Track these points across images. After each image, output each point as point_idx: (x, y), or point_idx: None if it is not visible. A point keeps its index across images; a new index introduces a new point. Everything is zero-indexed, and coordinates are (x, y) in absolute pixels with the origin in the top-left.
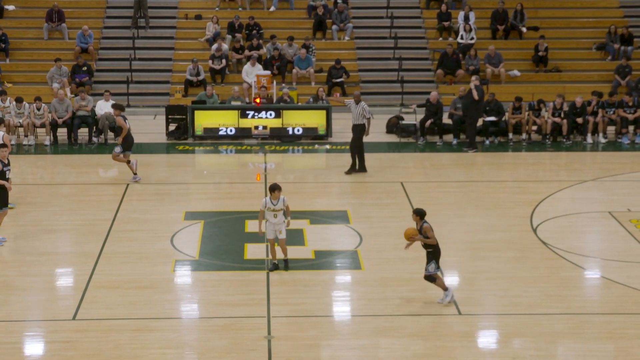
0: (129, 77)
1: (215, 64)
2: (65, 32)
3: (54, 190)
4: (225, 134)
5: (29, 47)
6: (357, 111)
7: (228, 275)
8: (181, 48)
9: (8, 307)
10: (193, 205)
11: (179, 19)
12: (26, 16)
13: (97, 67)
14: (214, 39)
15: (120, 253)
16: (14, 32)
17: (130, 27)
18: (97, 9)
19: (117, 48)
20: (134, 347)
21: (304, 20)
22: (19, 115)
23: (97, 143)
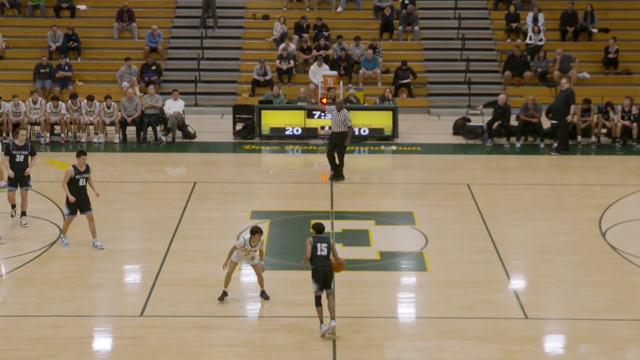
0: (197, 76)
1: (282, 64)
2: (135, 31)
3: (122, 187)
4: (291, 133)
5: (99, 47)
6: (338, 118)
7: (293, 275)
8: (249, 48)
9: (78, 303)
10: (259, 204)
11: (247, 19)
12: (97, 16)
13: (166, 67)
14: (282, 39)
15: (187, 251)
16: (85, 31)
17: (199, 27)
18: (167, 9)
19: (186, 47)
20: (199, 344)
21: (371, 20)
22: (90, 113)
23: (165, 142)
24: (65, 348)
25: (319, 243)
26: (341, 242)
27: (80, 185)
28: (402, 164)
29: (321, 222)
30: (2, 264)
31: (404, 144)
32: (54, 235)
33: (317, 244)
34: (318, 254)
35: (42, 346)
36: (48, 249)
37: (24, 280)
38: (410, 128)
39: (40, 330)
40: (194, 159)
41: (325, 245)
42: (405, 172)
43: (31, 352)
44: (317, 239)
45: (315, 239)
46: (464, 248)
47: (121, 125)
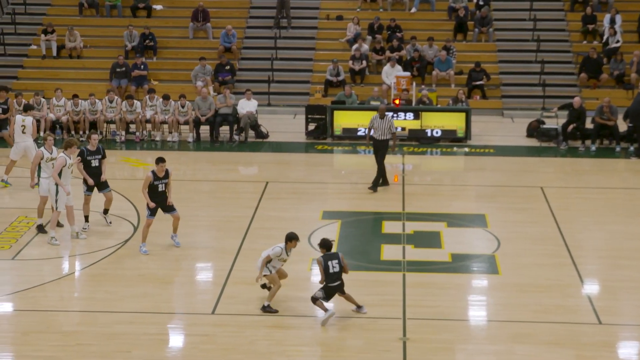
0: (270, 76)
1: (355, 64)
2: (209, 31)
3: (195, 186)
4: (363, 134)
5: (174, 46)
6: (384, 125)
7: (364, 276)
8: (322, 48)
9: (152, 299)
10: (330, 204)
11: (321, 19)
12: (172, 16)
13: (240, 66)
14: (355, 40)
15: (258, 250)
16: (161, 31)
17: (273, 27)
18: (241, 9)
19: (259, 48)
20: (270, 343)
21: (445, 22)
22: (165, 112)
23: (238, 141)
24: (139, 344)
25: (330, 261)
26: (412, 244)
27: (159, 190)
28: (475, 165)
29: (328, 238)
30: (78, 260)
31: (476, 145)
32: (128, 233)
33: (328, 263)
34: (331, 272)
35: (116, 342)
36: (122, 246)
37: (98, 277)
38: (483, 130)
39: (114, 326)
40: (266, 159)
41: (337, 261)
42: (477, 174)
43: (105, 348)
44: (327, 257)
45: (325, 257)
46: (536, 251)
47: (195, 124)
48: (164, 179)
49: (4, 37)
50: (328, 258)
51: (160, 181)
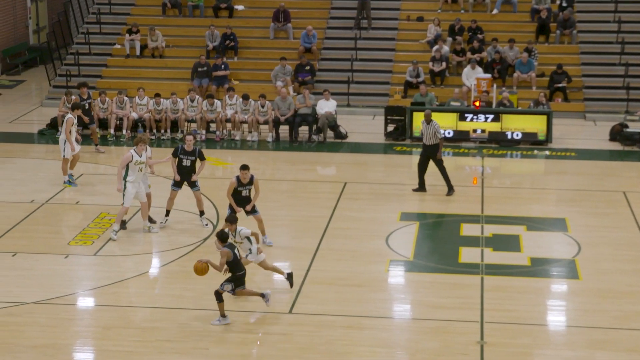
0: (349, 77)
1: (435, 66)
2: (290, 31)
3: (274, 186)
4: (442, 136)
5: (255, 46)
6: (429, 131)
7: (441, 278)
8: (402, 49)
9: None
10: (408, 206)
11: (401, 20)
12: (254, 16)
13: (320, 67)
14: (435, 41)
15: (336, 250)
16: (242, 31)
17: (353, 28)
18: (322, 10)
19: (340, 48)
20: (345, 343)
21: (527, 23)
22: (245, 112)
23: (317, 141)
24: (216, 342)
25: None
26: (491, 247)
27: (243, 195)
28: (556, 169)
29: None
30: (158, 257)
31: (557, 149)
32: (207, 231)
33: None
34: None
35: (194, 338)
36: (202, 244)
37: (178, 274)
38: (565, 133)
39: (192, 322)
40: (345, 159)
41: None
42: (558, 178)
43: (183, 344)
44: (231, 247)
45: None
46: (618, 257)
47: (274, 124)
48: (247, 185)
49: (89, 36)
50: (232, 247)
51: (244, 187)
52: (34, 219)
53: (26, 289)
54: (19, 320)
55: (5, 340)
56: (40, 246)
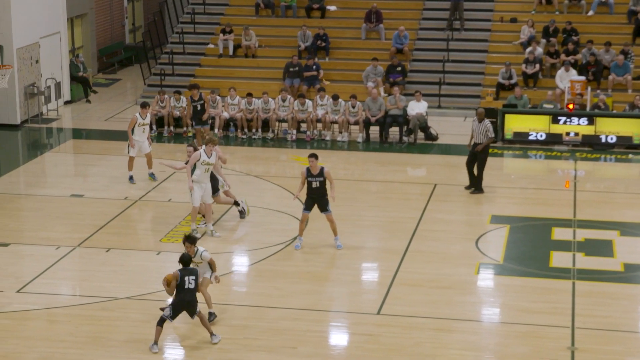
0: (441, 78)
1: (528, 68)
2: (382, 32)
3: (363, 186)
4: (535, 139)
5: (347, 47)
6: (480, 129)
7: (532, 282)
8: (494, 51)
9: (316, 297)
10: (499, 209)
11: (494, 21)
12: (346, 16)
13: (411, 68)
14: (529, 43)
15: (425, 252)
16: (334, 31)
17: (445, 29)
18: (414, 11)
19: (431, 49)
20: (434, 346)
21: (624, 25)
22: (335, 112)
23: (407, 142)
24: (304, 340)
25: (187, 276)
26: (583, 252)
27: (313, 187)
28: None
29: (187, 253)
30: (248, 256)
31: None
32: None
33: (184, 277)
34: (185, 287)
35: (282, 337)
36: (291, 244)
37: (267, 273)
38: None
39: (280, 321)
40: (435, 161)
41: (193, 278)
42: None
43: (271, 343)
44: (184, 272)
45: (183, 272)
46: None
47: (365, 124)
48: (318, 177)
49: (183, 36)
50: (186, 273)
51: (314, 178)
52: (128, 216)
53: (119, 285)
54: (111, 315)
55: (99, 334)
56: (133, 242)
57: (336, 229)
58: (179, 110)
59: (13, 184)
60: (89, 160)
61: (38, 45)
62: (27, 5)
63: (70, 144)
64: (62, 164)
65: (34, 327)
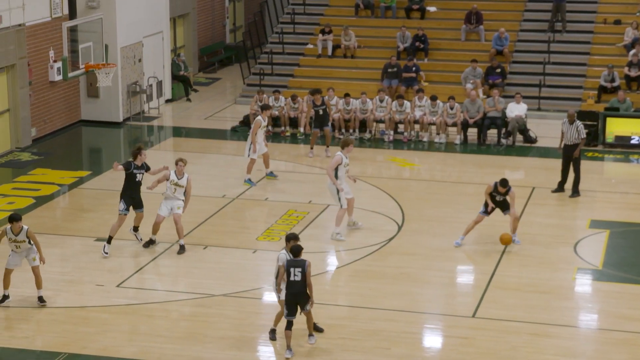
0: (541, 80)
1: (631, 71)
2: (482, 33)
3: (460, 188)
4: (637, 142)
5: (446, 48)
6: (571, 131)
7: (631, 289)
8: (597, 53)
9: (410, 298)
10: (598, 213)
11: (597, 23)
12: (446, 17)
13: (511, 70)
14: (632, 45)
15: (522, 255)
16: (434, 32)
17: (547, 31)
18: (515, 12)
19: (532, 51)
20: (529, 351)
21: None
22: (433, 113)
23: (506, 145)
24: (398, 342)
25: (293, 267)
26: None
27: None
28: None
29: (299, 244)
30: (344, 256)
31: None
32: (392, 231)
33: (290, 269)
34: (291, 279)
35: (376, 338)
36: (387, 244)
37: (362, 273)
38: None
39: (375, 322)
40: (534, 164)
41: (299, 270)
42: None
43: (366, 343)
44: (291, 262)
45: (289, 262)
46: None
47: (463, 126)
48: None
49: (283, 36)
50: (292, 264)
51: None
52: (225, 214)
53: (216, 282)
54: (208, 312)
55: (195, 330)
56: (229, 240)
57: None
58: (277, 110)
59: (115, 181)
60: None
61: (141, 44)
62: (132, 5)
63: (170, 142)
64: (162, 161)
65: (133, 321)
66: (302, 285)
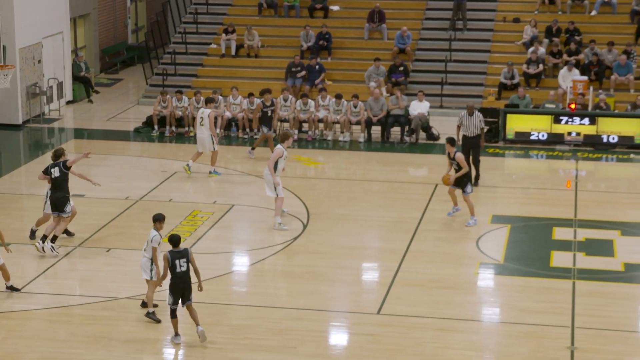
0: (443, 78)
1: (530, 68)
2: (384, 32)
3: (366, 186)
4: (536, 138)
5: (349, 47)
6: (473, 122)
7: (532, 282)
8: (497, 51)
9: (317, 297)
10: (500, 209)
11: (497, 21)
12: (349, 16)
13: (413, 68)
14: (531, 43)
15: (426, 252)
16: (337, 31)
17: (448, 29)
18: (417, 11)
19: (434, 49)
20: (436, 346)
21: (626, 25)
22: (337, 112)
23: (409, 142)
24: (305, 340)
25: (178, 259)
26: (583, 251)
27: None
28: None
29: (176, 234)
30: (249, 255)
31: None
32: (297, 230)
33: (175, 260)
34: (177, 271)
35: (283, 337)
36: (292, 243)
37: (269, 272)
38: None
39: (281, 321)
40: (437, 161)
41: (184, 260)
42: None
43: (273, 342)
44: (174, 254)
45: (173, 254)
46: None
47: (366, 124)
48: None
49: (186, 36)
50: (176, 255)
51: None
52: (129, 216)
53: (120, 284)
54: (112, 315)
55: (99, 334)
56: (133, 242)
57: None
58: (181, 110)
59: (15, 184)
60: (90, 160)
61: (41, 45)
62: (31, 5)
63: (72, 144)
64: None
65: (35, 327)
66: (189, 274)
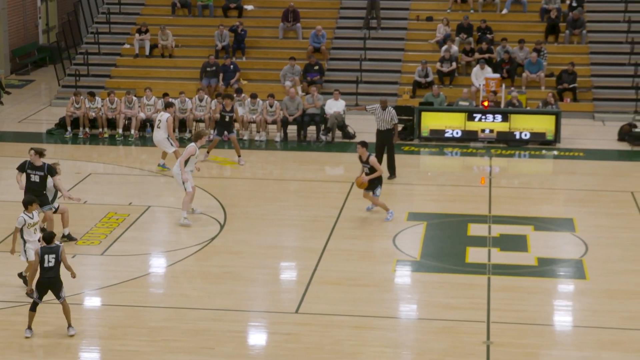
0: (358, 77)
1: (444, 66)
2: (299, 31)
3: (283, 185)
4: (451, 136)
5: (264, 46)
6: (385, 117)
7: (449, 278)
8: (411, 49)
9: (234, 297)
10: (416, 206)
11: (410, 20)
12: (263, 16)
13: (328, 67)
14: (444, 41)
15: (344, 250)
16: (252, 31)
17: (362, 28)
18: (331, 10)
19: (349, 48)
20: (354, 343)
21: (537, 23)
22: (253, 111)
23: (325, 141)
24: (223, 341)
25: (47, 254)
26: (498, 247)
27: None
28: (564, 169)
29: (51, 231)
30: (166, 257)
31: (566, 149)
32: (214, 231)
33: (44, 255)
34: (45, 266)
35: (201, 338)
36: (209, 244)
37: (186, 273)
38: (573, 133)
39: (199, 322)
40: (353, 159)
41: (54, 256)
42: (566, 178)
43: (190, 344)
44: (45, 249)
45: (43, 249)
46: (627, 258)
47: (282, 123)
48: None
49: (98, 36)
50: (46, 251)
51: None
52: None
53: None
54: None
55: (13, 339)
56: None
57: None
58: (94, 112)
59: None
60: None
61: None
62: None
63: None
64: None
65: None
66: (57, 271)
